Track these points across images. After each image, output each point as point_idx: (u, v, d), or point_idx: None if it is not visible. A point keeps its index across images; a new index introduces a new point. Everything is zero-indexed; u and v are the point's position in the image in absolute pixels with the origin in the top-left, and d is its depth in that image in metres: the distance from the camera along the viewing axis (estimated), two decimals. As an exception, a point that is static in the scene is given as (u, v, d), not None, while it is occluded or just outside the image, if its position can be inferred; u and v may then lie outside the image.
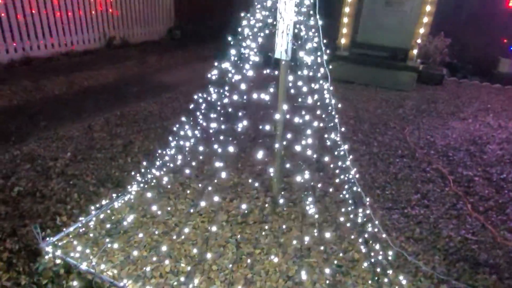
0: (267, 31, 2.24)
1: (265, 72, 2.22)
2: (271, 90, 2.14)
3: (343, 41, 7.68)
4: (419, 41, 7.00)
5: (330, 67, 2.12)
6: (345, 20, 7.48)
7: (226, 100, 2.30)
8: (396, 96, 5.96)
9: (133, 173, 3.00)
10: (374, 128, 4.57)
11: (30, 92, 4.93)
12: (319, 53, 2.13)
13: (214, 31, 8.20)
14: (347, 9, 7.40)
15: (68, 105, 4.60)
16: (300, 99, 2.10)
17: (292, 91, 2.18)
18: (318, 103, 2.08)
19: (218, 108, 2.31)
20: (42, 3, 6.34)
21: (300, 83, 2.12)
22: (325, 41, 2.09)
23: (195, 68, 6.79)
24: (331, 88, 2.11)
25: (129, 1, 7.96)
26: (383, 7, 7.83)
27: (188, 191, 2.88)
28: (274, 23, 2.22)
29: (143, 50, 7.87)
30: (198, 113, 2.36)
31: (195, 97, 2.38)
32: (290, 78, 2.18)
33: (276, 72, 2.31)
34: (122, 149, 3.53)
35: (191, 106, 2.41)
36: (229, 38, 2.24)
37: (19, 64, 6.10)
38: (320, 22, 2.07)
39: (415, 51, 7.03)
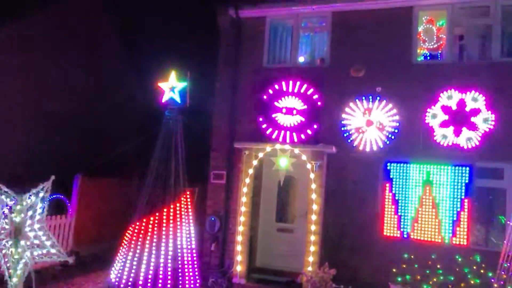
0: None
1: None
2: None
3: (239, 268, 7.54)
4: (309, 268, 7.05)
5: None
6: (239, 248, 7.55)
7: None
8: None
9: None
10: None
11: None
12: None
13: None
14: (239, 238, 7.57)
15: None
16: None
17: None
18: None
19: None
20: None
21: None
22: None
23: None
24: None
25: None
26: (276, 233, 8.23)
27: None
28: None
29: None
30: None
31: None
32: None
33: None
34: None
35: None
36: None
37: None
38: None
39: (305, 279, 6.97)
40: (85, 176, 9.15)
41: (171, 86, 7.23)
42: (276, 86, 8.13)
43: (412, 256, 7.12)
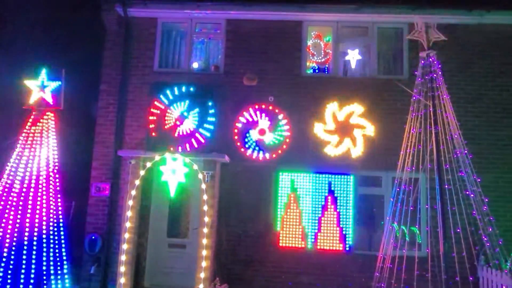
0: None
1: None
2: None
3: (122, 291, 6.73)
4: (201, 286, 6.62)
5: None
6: (122, 269, 6.75)
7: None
8: None
9: None
10: None
11: None
12: None
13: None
14: (123, 257, 6.78)
15: None
16: None
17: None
18: None
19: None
20: None
21: None
22: None
23: None
24: None
25: None
26: (167, 249, 7.63)
27: None
28: None
29: None
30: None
31: None
32: None
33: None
34: None
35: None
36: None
37: None
38: None
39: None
40: None
41: (42, 85, 6.28)
42: (168, 92, 7.67)
43: (307, 266, 7.20)
